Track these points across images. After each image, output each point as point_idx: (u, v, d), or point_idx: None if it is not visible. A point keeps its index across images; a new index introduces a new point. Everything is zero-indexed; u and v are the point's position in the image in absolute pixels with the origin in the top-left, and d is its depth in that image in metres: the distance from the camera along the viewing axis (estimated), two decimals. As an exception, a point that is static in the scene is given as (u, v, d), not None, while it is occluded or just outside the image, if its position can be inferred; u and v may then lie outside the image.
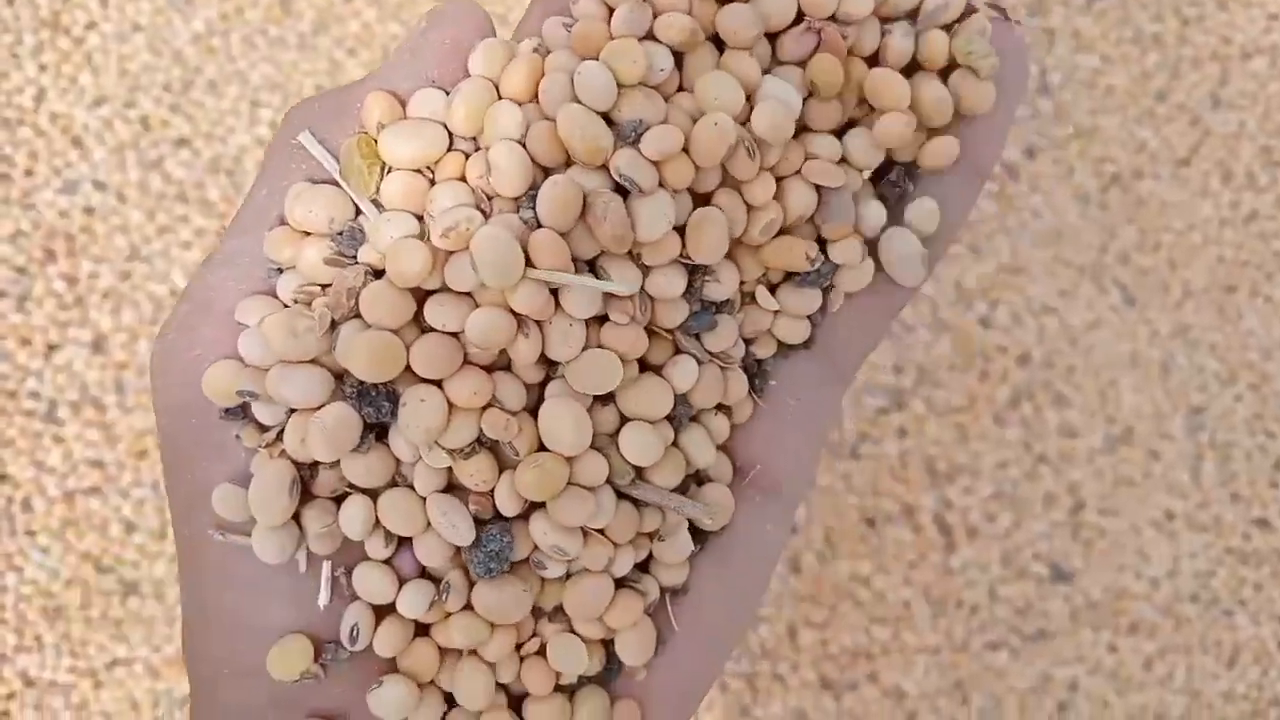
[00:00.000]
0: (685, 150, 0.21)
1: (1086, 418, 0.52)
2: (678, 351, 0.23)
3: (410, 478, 0.22)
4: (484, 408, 0.21)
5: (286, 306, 0.22)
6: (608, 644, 0.24)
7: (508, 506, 0.22)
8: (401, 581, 0.22)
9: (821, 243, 0.24)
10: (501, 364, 0.22)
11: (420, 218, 0.22)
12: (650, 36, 0.22)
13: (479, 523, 0.22)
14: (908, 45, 0.23)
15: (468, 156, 0.22)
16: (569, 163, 0.22)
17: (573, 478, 0.22)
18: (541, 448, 0.22)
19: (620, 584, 0.23)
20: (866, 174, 0.24)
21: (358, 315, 0.21)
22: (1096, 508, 0.51)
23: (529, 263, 0.21)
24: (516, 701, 0.24)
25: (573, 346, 0.21)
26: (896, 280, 0.24)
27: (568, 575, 0.23)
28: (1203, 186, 0.54)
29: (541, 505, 0.22)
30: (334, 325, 0.21)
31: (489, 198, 0.22)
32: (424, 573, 0.23)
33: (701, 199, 0.22)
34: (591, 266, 0.22)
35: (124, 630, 0.49)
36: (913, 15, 0.23)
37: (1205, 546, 0.51)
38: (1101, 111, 0.54)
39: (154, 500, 0.50)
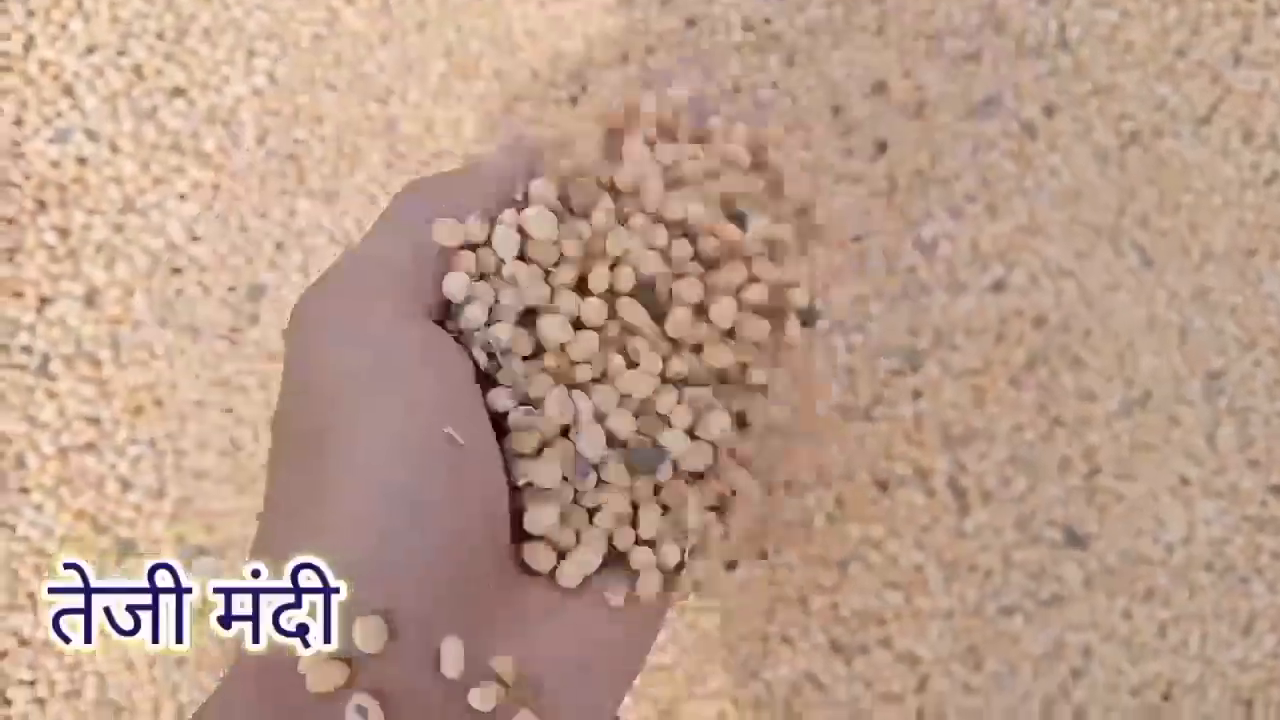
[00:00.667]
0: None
1: (1103, 381, 0.51)
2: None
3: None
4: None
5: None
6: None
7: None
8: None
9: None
10: None
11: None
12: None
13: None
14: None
15: None
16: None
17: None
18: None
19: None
20: None
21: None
22: (1112, 472, 0.50)
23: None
24: None
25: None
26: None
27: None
28: (1223, 146, 0.53)
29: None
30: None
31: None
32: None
33: None
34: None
35: (120, 590, 0.48)
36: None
37: (1221, 513, 0.50)
38: (1121, 68, 0.53)
39: (151, 458, 0.49)
